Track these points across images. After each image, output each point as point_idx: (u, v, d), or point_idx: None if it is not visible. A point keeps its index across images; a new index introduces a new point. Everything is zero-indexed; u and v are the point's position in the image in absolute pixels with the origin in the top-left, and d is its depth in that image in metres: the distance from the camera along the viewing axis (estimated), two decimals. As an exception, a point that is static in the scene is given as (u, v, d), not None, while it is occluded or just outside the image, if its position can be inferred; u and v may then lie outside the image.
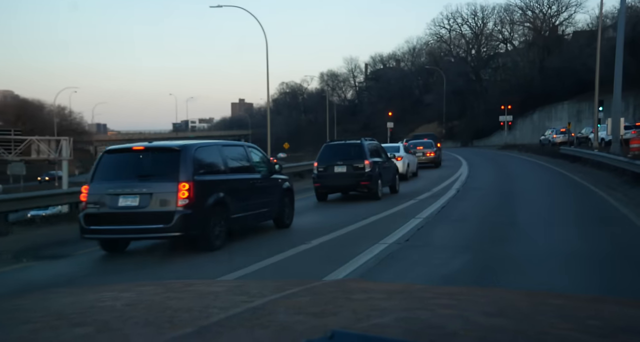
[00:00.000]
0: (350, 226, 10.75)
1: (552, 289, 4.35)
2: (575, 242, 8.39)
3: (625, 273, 6.64)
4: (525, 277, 6.52)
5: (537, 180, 20.62)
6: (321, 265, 7.48)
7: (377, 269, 7.12)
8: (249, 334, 1.09)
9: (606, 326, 1.18)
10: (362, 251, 8.09)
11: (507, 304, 1.42)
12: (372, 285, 1.74)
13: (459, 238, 9.33)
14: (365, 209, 13.42)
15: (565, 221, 10.74)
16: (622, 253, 7.67)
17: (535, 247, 8.20)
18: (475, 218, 11.49)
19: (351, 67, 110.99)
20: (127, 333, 1.14)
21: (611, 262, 7.15)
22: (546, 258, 7.43)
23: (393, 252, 8.17)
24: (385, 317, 1.21)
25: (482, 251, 8.14)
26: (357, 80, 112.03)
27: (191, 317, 1.23)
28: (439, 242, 9.01)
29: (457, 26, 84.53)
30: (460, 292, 1.56)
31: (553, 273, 6.67)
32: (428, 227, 10.40)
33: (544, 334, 1.09)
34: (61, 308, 1.42)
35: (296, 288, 1.51)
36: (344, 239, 9.49)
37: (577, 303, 1.47)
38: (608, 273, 6.62)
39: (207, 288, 1.65)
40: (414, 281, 6.17)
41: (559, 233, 9.30)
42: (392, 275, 6.83)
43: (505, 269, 6.98)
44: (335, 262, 7.44)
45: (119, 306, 1.37)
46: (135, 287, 1.66)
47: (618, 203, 12.85)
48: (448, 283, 6.14)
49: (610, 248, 8.02)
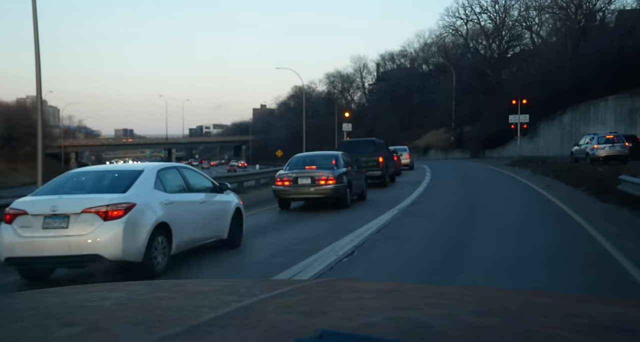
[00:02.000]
0: (301, 245, 9.38)
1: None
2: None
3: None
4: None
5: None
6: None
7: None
8: (239, 333, 1.09)
9: (593, 324, 1.19)
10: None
11: (496, 303, 1.43)
12: (361, 284, 1.75)
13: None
14: (329, 223, 12.31)
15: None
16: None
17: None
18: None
19: (359, 66, 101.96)
20: (116, 333, 1.14)
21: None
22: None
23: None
24: (375, 316, 1.21)
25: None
26: (365, 81, 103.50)
27: (181, 316, 1.23)
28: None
29: (475, 16, 70.23)
30: (449, 291, 1.57)
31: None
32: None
33: (532, 333, 1.10)
34: (50, 308, 1.41)
35: (286, 287, 1.51)
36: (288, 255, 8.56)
37: (564, 302, 1.48)
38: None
39: (197, 288, 1.65)
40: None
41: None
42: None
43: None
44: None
45: (108, 306, 1.37)
46: (125, 287, 1.66)
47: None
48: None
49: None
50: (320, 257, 8.08)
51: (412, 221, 12.06)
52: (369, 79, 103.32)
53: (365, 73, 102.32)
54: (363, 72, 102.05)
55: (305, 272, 7.18)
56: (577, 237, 9.22)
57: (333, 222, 12.49)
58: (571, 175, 20.55)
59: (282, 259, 8.22)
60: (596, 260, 7.47)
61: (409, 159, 35.18)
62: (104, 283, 1.79)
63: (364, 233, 10.15)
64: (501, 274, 6.80)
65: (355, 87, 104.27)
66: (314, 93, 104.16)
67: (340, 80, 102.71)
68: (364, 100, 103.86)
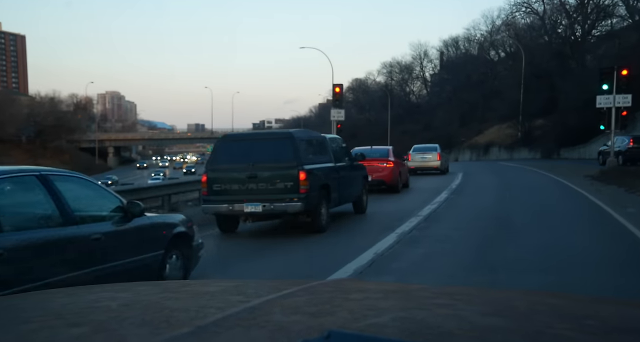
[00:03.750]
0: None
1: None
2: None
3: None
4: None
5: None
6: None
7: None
8: (246, 334, 1.09)
9: (603, 325, 1.19)
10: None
11: (504, 303, 1.42)
12: (369, 285, 1.74)
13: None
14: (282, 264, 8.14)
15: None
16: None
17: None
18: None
19: (419, 54, 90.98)
20: (123, 333, 1.14)
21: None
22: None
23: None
24: (382, 317, 1.21)
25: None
26: (425, 70, 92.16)
27: (188, 317, 1.23)
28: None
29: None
30: (457, 291, 1.56)
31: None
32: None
33: (541, 334, 1.10)
34: (58, 308, 1.42)
35: (293, 288, 1.51)
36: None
37: (574, 303, 1.47)
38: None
39: (204, 288, 1.66)
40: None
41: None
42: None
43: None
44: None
45: (115, 306, 1.37)
46: (132, 288, 1.67)
47: None
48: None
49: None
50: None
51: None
52: (429, 68, 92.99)
53: (425, 61, 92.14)
54: (423, 61, 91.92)
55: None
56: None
57: (290, 262, 8.31)
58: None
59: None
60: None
61: (439, 161, 27.12)
62: (112, 284, 1.80)
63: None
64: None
65: (414, 77, 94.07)
66: (371, 85, 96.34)
67: (398, 69, 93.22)
68: (424, 92, 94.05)
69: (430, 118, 71.93)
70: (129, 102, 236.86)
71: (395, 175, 18.56)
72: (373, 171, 17.02)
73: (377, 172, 17.81)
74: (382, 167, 18.26)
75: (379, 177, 17.96)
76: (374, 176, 17.29)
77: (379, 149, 19.88)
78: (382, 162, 18.39)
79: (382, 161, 18.41)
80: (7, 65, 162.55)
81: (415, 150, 28.14)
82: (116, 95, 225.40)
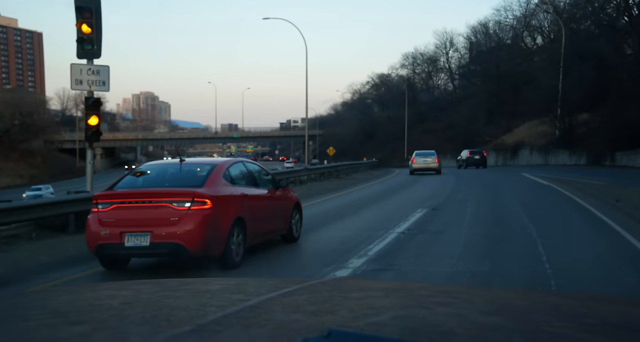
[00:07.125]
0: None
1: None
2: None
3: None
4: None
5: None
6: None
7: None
8: (246, 332, 1.09)
9: (602, 323, 1.18)
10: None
11: (504, 302, 1.42)
12: (369, 283, 1.74)
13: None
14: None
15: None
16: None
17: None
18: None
19: (444, 42, 78.80)
20: (124, 331, 1.15)
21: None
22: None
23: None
24: (382, 315, 1.21)
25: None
26: (451, 61, 79.74)
27: (188, 315, 1.23)
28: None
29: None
30: (457, 290, 1.55)
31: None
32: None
33: (540, 332, 1.09)
34: (59, 306, 1.42)
35: (293, 287, 1.51)
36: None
37: (572, 301, 1.47)
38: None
39: (204, 287, 1.66)
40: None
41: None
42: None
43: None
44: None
45: (116, 304, 1.37)
46: (133, 286, 1.67)
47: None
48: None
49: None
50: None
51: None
52: (455, 59, 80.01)
53: (452, 51, 79.25)
54: (449, 50, 78.97)
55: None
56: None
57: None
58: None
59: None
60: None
61: (437, 164, 30.43)
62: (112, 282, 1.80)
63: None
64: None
65: (438, 68, 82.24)
66: (394, 80, 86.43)
67: (421, 61, 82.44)
68: (449, 86, 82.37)
69: (454, 115, 62.43)
70: (163, 103, 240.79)
71: (206, 231, 7.45)
72: (147, 223, 7.33)
73: (158, 226, 7.37)
74: (173, 212, 7.42)
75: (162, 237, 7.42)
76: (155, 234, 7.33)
77: (167, 165, 9.28)
78: (176, 199, 7.47)
79: (176, 197, 7.50)
80: (23, 63, 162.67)
81: (418, 155, 32.44)
82: (150, 95, 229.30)
